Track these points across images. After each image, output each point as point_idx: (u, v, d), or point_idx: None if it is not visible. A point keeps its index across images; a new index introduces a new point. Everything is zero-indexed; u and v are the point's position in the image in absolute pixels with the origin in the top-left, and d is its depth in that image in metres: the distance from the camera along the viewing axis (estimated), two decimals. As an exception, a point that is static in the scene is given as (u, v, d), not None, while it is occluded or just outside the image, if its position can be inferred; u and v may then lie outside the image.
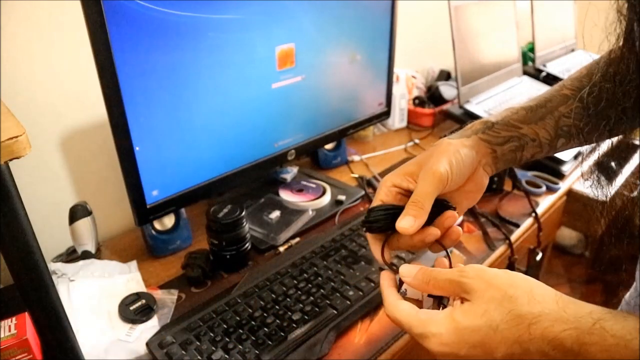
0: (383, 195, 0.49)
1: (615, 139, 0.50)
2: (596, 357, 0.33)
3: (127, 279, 0.80)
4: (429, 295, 0.43)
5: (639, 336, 0.32)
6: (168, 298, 0.77)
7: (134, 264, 0.84)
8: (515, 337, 0.35)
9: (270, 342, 0.65)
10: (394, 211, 0.46)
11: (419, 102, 1.45)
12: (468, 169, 0.49)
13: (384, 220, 0.47)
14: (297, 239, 0.91)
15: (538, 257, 1.02)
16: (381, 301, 0.74)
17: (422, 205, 0.45)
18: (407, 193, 0.49)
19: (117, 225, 0.99)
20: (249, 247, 0.84)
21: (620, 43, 0.39)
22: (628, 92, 0.42)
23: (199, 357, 0.63)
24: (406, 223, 0.44)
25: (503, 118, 0.54)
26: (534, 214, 0.98)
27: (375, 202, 0.50)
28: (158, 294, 0.77)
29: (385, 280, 0.46)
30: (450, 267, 0.46)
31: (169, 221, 0.88)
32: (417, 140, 1.32)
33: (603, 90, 0.46)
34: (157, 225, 0.87)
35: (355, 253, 0.81)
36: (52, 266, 0.80)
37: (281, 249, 0.88)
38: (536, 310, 0.34)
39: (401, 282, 0.45)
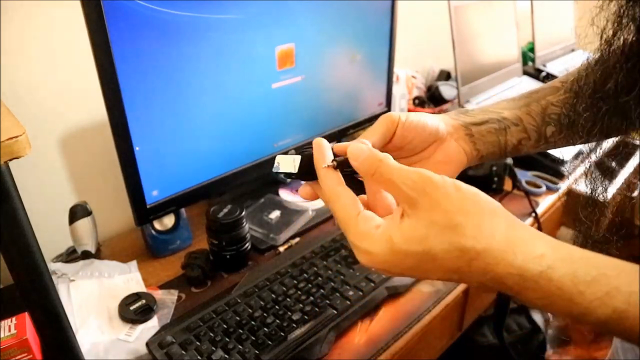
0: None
1: (615, 139, 0.50)
2: (535, 302, 0.31)
3: (127, 279, 0.80)
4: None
5: (587, 290, 0.30)
6: (168, 298, 0.77)
7: (134, 264, 0.84)
8: (454, 268, 0.32)
9: (270, 342, 0.65)
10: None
11: (419, 102, 1.45)
12: (432, 131, 0.47)
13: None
14: (297, 239, 0.91)
15: (538, 257, 1.01)
16: (382, 300, 0.74)
17: (362, 140, 0.43)
18: None
19: (117, 225, 0.99)
20: (249, 247, 0.84)
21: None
22: (625, 84, 0.41)
23: (198, 357, 0.63)
24: (340, 145, 0.41)
25: (480, 106, 0.52)
26: (534, 214, 0.98)
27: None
28: (158, 294, 0.77)
29: (321, 153, 0.39)
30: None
31: (169, 221, 0.88)
32: (417, 140, 1.32)
33: (598, 82, 0.45)
34: (157, 225, 0.87)
35: (355, 253, 0.81)
36: (52, 266, 0.80)
37: (281, 249, 0.88)
38: (481, 246, 0.31)
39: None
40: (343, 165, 0.38)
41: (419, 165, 0.47)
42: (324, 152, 0.39)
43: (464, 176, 1.01)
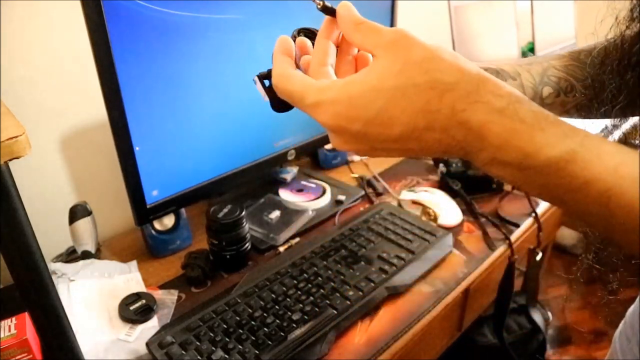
0: None
1: (615, 137, 0.50)
2: (493, 139, 0.31)
3: (127, 279, 0.80)
4: None
5: (549, 128, 0.30)
6: (168, 298, 0.77)
7: (134, 264, 0.84)
8: (422, 103, 0.31)
9: (270, 342, 0.65)
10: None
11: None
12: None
13: None
14: (297, 239, 0.91)
15: (538, 257, 1.02)
16: (382, 300, 0.74)
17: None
18: None
19: (117, 225, 0.99)
20: (249, 247, 0.84)
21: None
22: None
23: (198, 357, 0.63)
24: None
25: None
26: (534, 214, 0.98)
27: None
28: (158, 294, 0.77)
29: (281, 45, 0.39)
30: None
31: (169, 221, 0.88)
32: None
33: (627, 49, 0.44)
34: (157, 225, 0.87)
35: (355, 253, 0.81)
36: (52, 266, 0.80)
37: (281, 249, 0.88)
38: (454, 78, 0.31)
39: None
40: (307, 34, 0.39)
41: None
42: (284, 45, 0.39)
43: (464, 176, 1.02)
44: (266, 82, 0.41)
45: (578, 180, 0.30)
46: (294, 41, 0.40)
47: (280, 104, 0.40)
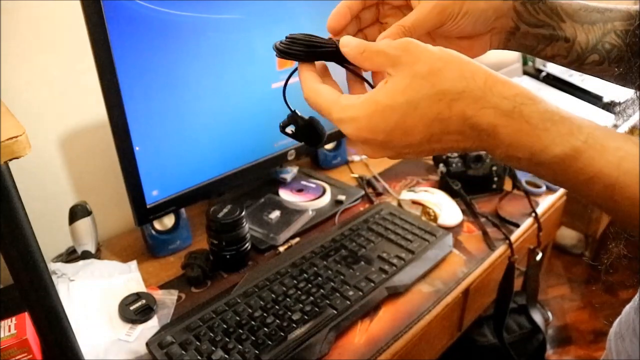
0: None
1: None
2: (504, 139, 0.33)
3: (127, 279, 0.80)
4: None
5: (551, 127, 0.32)
6: (168, 298, 0.77)
7: (134, 264, 0.84)
8: (434, 113, 0.33)
9: (270, 342, 0.65)
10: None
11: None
12: (479, 26, 0.45)
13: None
14: (297, 239, 0.91)
15: (538, 257, 1.02)
16: (382, 300, 0.74)
17: (406, 30, 0.41)
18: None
19: (117, 225, 0.99)
20: (249, 247, 0.84)
21: None
22: None
23: (198, 357, 0.63)
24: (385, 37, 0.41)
25: (555, 1, 0.49)
26: (534, 214, 0.98)
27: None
28: (158, 294, 0.77)
29: (306, 67, 0.43)
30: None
31: (169, 221, 0.88)
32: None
33: None
34: (157, 225, 0.87)
35: (355, 253, 0.81)
36: (52, 266, 0.80)
37: (281, 249, 0.88)
38: (460, 87, 0.33)
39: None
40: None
41: (437, 35, 0.46)
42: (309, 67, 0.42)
43: (464, 176, 1.02)
44: (289, 130, 0.45)
45: (584, 176, 0.31)
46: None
47: (313, 140, 0.45)
